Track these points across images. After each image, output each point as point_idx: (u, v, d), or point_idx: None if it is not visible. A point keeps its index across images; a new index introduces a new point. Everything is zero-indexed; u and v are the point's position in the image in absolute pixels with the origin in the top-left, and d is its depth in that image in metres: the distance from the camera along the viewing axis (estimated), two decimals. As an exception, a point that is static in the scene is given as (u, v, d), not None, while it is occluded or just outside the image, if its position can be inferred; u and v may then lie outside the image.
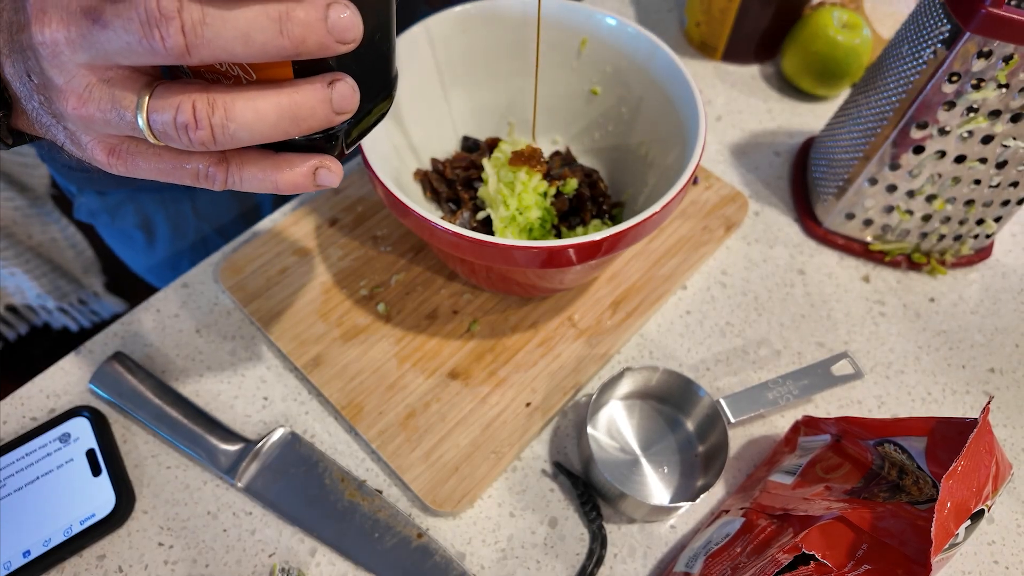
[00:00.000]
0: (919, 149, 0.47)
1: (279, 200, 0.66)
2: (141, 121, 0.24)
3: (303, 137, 0.27)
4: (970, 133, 0.46)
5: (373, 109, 0.29)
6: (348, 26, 0.23)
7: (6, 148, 0.31)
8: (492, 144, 0.53)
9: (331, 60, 0.25)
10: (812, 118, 0.65)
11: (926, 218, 0.52)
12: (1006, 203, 0.50)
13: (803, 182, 0.59)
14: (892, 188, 0.51)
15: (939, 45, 0.43)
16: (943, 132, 0.46)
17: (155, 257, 0.67)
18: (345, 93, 0.26)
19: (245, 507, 0.42)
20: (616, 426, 0.46)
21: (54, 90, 0.25)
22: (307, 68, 0.25)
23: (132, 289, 1.24)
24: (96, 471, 0.42)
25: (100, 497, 0.41)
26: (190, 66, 0.26)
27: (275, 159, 0.28)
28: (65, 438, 0.43)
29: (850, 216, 0.54)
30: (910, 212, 0.52)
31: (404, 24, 0.46)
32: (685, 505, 0.40)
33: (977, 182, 0.49)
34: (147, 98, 0.24)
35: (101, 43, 0.23)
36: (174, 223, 0.63)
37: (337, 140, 0.28)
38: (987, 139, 0.46)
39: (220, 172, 0.27)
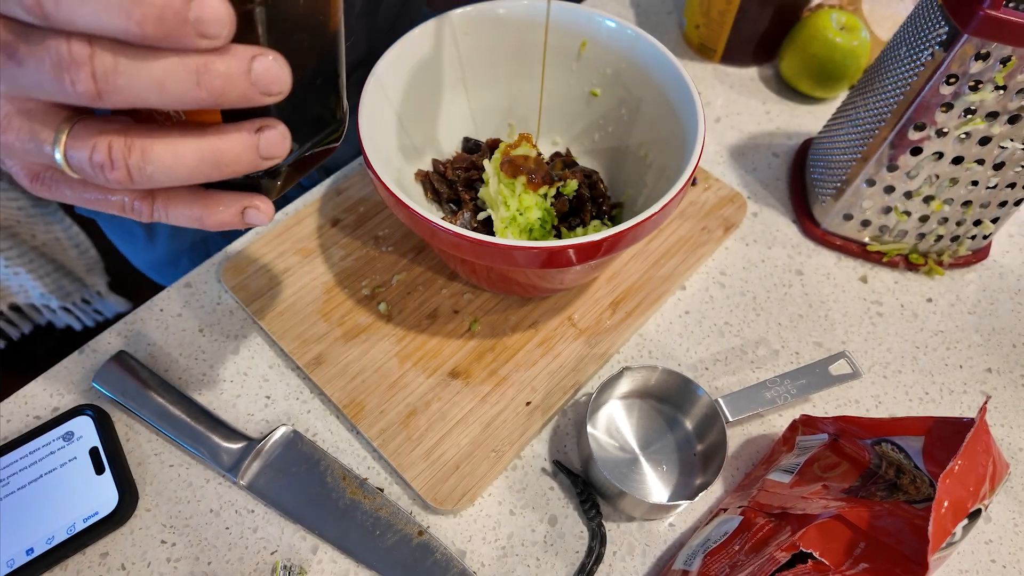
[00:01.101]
0: (917, 150, 0.48)
1: (280, 202, 0.66)
2: (59, 156, 0.24)
3: (240, 177, 0.27)
4: (968, 135, 0.46)
5: (314, 150, 0.29)
6: (274, 79, 0.23)
7: None
8: (493, 145, 0.53)
9: (268, 105, 0.25)
10: (810, 120, 0.65)
11: (924, 219, 0.52)
12: (1003, 204, 0.51)
13: (801, 183, 0.59)
14: (890, 189, 0.51)
15: (937, 47, 0.43)
16: (941, 133, 0.46)
17: (155, 253, 0.68)
18: (274, 140, 0.25)
19: (247, 505, 0.43)
20: (615, 425, 0.46)
21: None
22: (237, 113, 0.24)
23: (135, 288, 1.25)
24: (99, 469, 0.42)
25: (103, 495, 0.41)
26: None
27: (204, 198, 0.27)
28: (68, 436, 0.43)
29: (848, 217, 0.54)
30: (908, 213, 0.52)
31: (406, 26, 0.46)
32: (684, 503, 0.41)
33: (974, 183, 0.49)
34: (64, 135, 0.24)
35: (16, 78, 0.22)
36: None
37: (274, 179, 0.28)
38: (984, 140, 0.46)
39: (146, 207, 0.27)
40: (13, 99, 0.24)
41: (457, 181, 0.51)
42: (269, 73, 0.23)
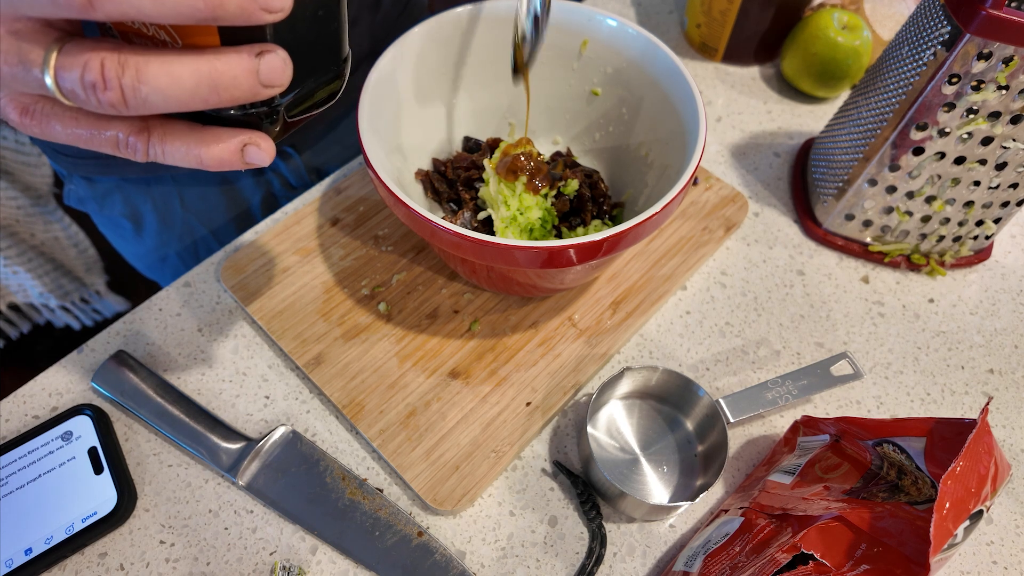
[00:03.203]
0: (919, 150, 0.47)
1: (271, 202, 0.66)
2: (48, 78, 0.23)
3: (239, 111, 0.26)
4: (970, 135, 0.46)
5: (316, 89, 0.28)
6: None
7: None
8: (493, 144, 0.53)
9: (267, 31, 0.24)
10: (812, 119, 0.65)
11: (925, 219, 0.52)
12: (1005, 204, 0.50)
13: (803, 183, 0.59)
14: (892, 189, 0.51)
15: (939, 47, 0.43)
16: (943, 133, 0.46)
17: (143, 247, 0.67)
18: (275, 65, 0.24)
19: (246, 505, 0.43)
20: (616, 425, 0.46)
21: None
22: (235, 37, 0.24)
23: (134, 288, 1.25)
24: (98, 469, 0.42)
25: (102, 495, 0.41)
26: (114, 25, 0.25)
27: (201, 132, 0.26)
28: (67, 436, 0.43)
29: (849, 217, 0.54)
30: (909, 213, 0.52)
31: (407, 25, 0.46)
32: (684, 504, 0.41)
33: (976, 183, 0.49)
34: (54, 54, 0.23)
35: None
36: (162, 215, 0.63)
37: (276, 118, 0.27)
38: (987, 141, 0.46)
39: (141, 142, 0.26)
40: (1, 19, 0.23)
41: (457, 180, 0.51)
42: None
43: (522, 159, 0.45)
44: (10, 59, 0.23)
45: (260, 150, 0.26)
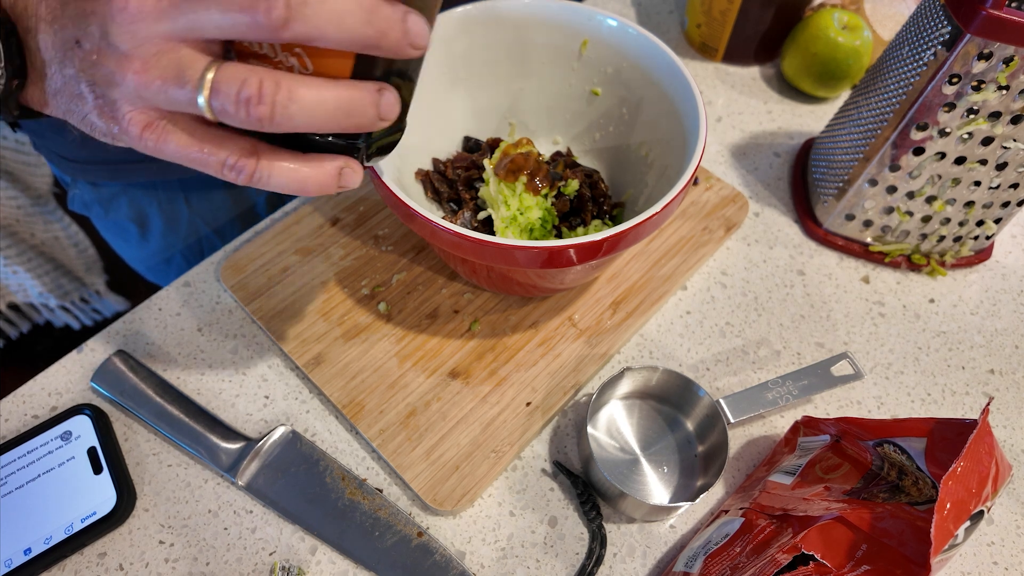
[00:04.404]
0: (919, 150, 0.47)
1: (275, 200, 0.66)
2: (203, 94, 0.25)
3: (342, 140, 0.29)
4: (970, 135, 0.46)
5: (391, 134, 0.32)
6: (421, 33, 0.26)
7: (11, 120, 0.31)
8: (493, 144, 0.53)
9: (385, 73, 0.28)
10: (812, 119, 0.65)
11: (926, 219, 0.52)
12: (1006, 204, 0.50)
13: (803, 183, 0.59)
14: (892, 189, 0.51)
15: (939, 47, 0.43)
16: (943, 134, 0.46)
17: (148, 250, 0.67)
18: (391, 101, 0.28)
19: (246, 505, 0.42)
20: (616, 426, 0.46)
21: (114, 56, 0.26)
22: (364, 72, 0.27)
23: (134, 287, 1.25)
24: (97, 469, 0.42)
25: (101, 495, 0.41)
26: (254, 53, 0.27)
27: (304, 156, 0.29)
28: (67, 436, 0.43)
29: (850, 217, 0.54)
30: (910, 213, 0.52)
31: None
32: (684, 505, 0.40)
33: (977, 183, 0.49)
34: (211, 73, 0.25)
35: (194, 14, 0.24)
36: (168, 217, 0.63)
37: (364, 150, 0.30)
38: (987, 141, 0.46)
39: (249, 165, 0.28)
40: (171, 38, 0.25)
41: (457, 180, 0.51)
42: (419, 27, 0.26)
43: (521, 160, 0.45)
44: (167, 73, 0.26)
45: (353, 172, 0.30)
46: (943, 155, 0.47)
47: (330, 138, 0.29)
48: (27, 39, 0.29)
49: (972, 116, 0.45)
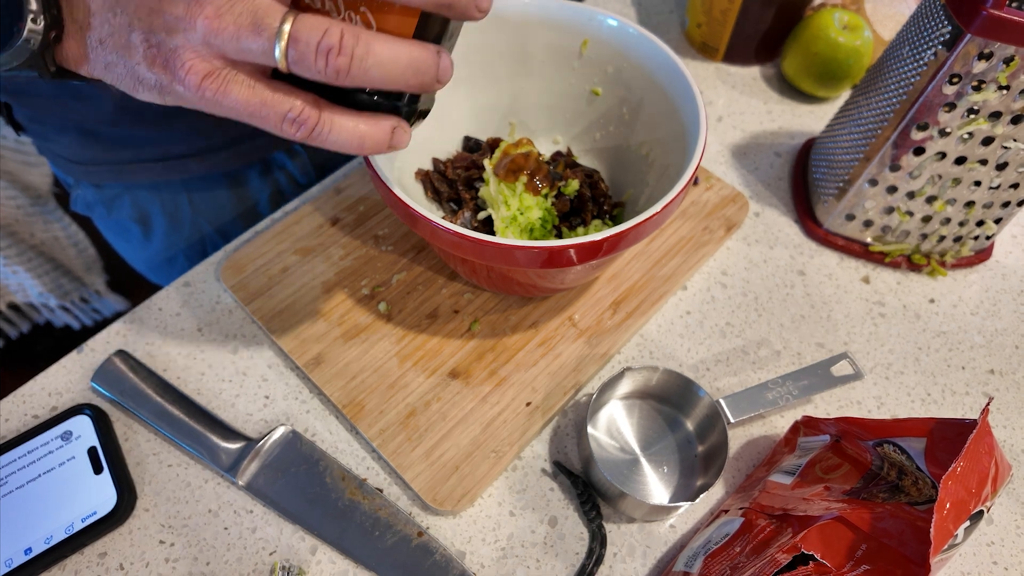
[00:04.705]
0: (919, 150, 0.47)
1: (277, 199, 0.66)
2: (280, 43, 0.26)
3: (383, 101, 0.30)
4: (970, 135, 0.46)
5: (429, 102, 0.33)
6: None
7: (48, 78, 0.31)
8: (493, 144, 0.53)
9: (434, 37, 0.29)
10: (812, 119, 0.65)
11: (926, 219, 0.52)
12: (1006, 204, 0.50)
13: (803, 183, 0.59)
14: (892, 189, 0.51)
15: (940, 47, 0.43)
16: (944, 133, 0.46)
17: (151, 251, 0.67)
18: (447, 65, 0.29)
19: (246, 505, 0.42)
20: (616, 426, 0.46)
21: (183, 2, 0.26)
22: (425, 34, 0.28)
23: (134, 287, 1.25)
24: (98, 469, 0.42)
25: (101, 495, 0.41)
26: (316, 9, 0.28)
27: (362, 113, 0.29)
28: (67, 436, 0.43)
29: (850, 217, 0.54)
30: (910, 213, 0.52)
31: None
32: (684, 505, 0.40)
33: (977, 183, 0.49)
34: (291, 21, 0.26)
35: None
36: (170, 216, 0.63)
37: (415, 112, 0.31)
38: (987, 141, 0.46)
39: (312, 116, 0.28)
40: None
41: (457, 180, 0.51)
42: None
43: (520, 160, 0.45)
44: (242, 21, 0.26)
45: (404, 133, 0.30)
46: (943, 155, 0.47)
47: (376, 99, 0.30)
48: None
49: (972, 116, 0.45)
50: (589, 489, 0.43)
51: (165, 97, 0.29)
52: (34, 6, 0.28)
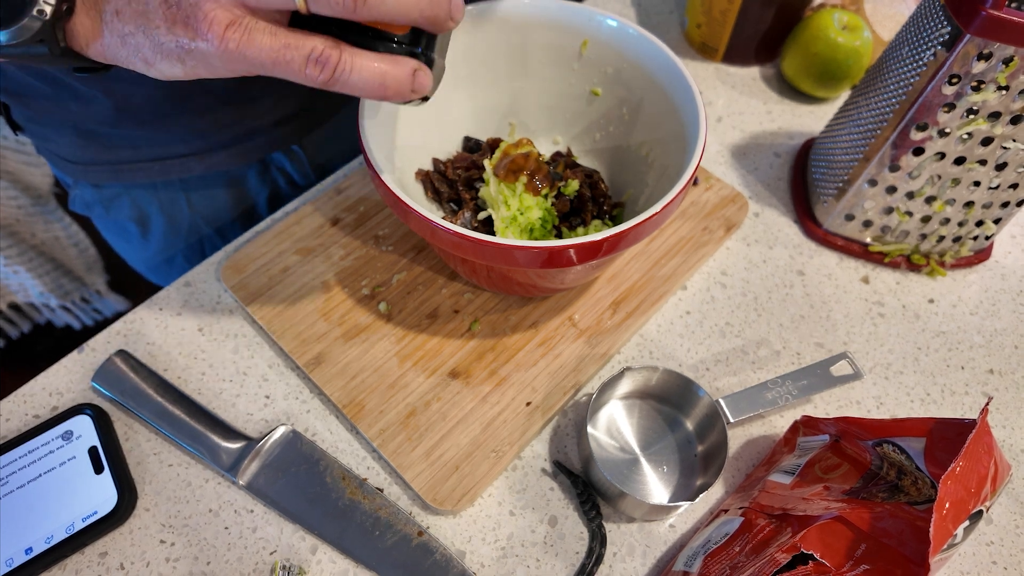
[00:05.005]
0: (919, 151, 0.48)
1: (275, 199, 0.66)
2: None
3: (398, 46, 0.31)
4: (970, 135, 0.46)
5: (442, 61, 0.34)
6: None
7: (57, 55, 0.31)
8: (493, 145, 0.53)
9: None
10: (812, 120, 0.65)
11: (925, 219, 0.52)
12: (1005, 205, 0.50)
13: (803, 183, 0.59)
14: (892, 189, 0.51)
15: (939, 47, 0.43)
16: (943, 134, 0.46)
17: (150, 251, 0.67)
18: (459, 4, 0.30)
19: (246, 505, 0.43)
20: (616, 425, 0.46)
21: None
22: None
23: (134, 287, 1.25)
24: (98, 468, 0.42)
25: (102, 494, 0.41)
26: None
27: (382, 54, 0.30)
28: (67, 435, 0.43)
29: (850, 217, 0.54)
30: (909, 213, 0.52)
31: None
32: (684, 504, 0.41)
33: (977, 184, 0.49)
34: None
35: None
36: (169, 217, 0.63)
37: (421, 60, 0.32)
38: (987, 141, 0.46)
39: (334, 55, 0.28)
40: None
41: (458, 180, 0.51)
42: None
43: (521, 160, 0.45)
44: None
45: (425, 76, 0.31)
46: (943, 155, 0.47)
47: (393, 44, 0.30)
48: None
49: (972, 116, 0.45)
50: (589, 489, 0.43)
51: (186, 62, 0.29)
52: None
